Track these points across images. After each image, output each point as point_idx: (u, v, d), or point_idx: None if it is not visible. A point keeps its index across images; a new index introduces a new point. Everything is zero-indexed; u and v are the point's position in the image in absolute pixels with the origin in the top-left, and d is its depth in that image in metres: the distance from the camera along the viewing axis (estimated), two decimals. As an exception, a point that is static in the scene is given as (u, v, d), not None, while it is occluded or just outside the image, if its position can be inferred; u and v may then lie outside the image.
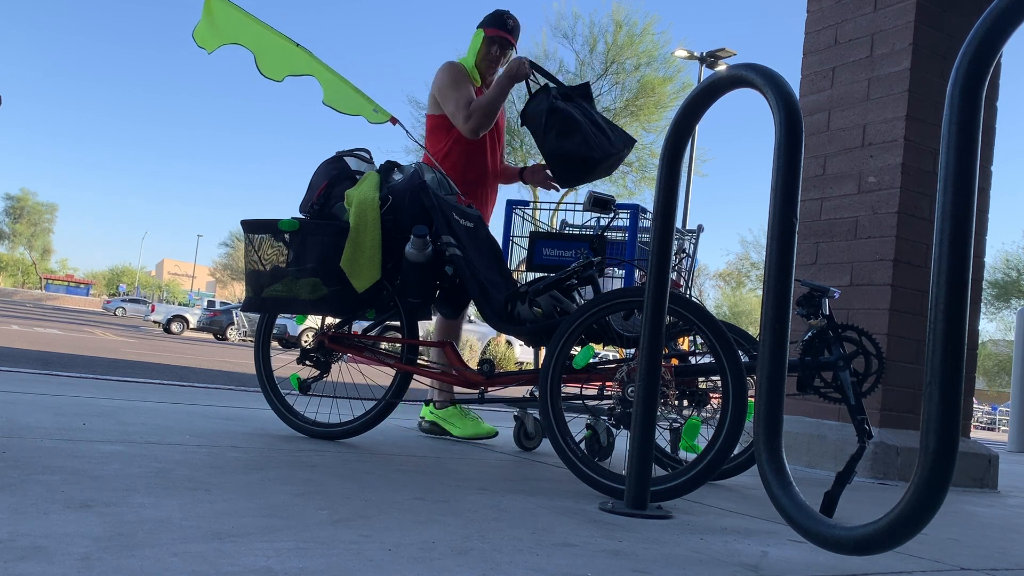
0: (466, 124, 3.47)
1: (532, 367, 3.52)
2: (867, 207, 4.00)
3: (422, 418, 3.61)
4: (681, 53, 22.08)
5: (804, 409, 4.08)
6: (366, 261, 2.79)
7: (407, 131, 3.45)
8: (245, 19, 3.12)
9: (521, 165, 3.84)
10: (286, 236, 2.86)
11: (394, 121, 3.34)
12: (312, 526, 1.51)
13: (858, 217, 4.04)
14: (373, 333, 3.13)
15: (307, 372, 3.08)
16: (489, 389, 2.86)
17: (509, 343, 18.47)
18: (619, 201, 3.30)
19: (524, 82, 3.50)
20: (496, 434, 3.49)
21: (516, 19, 3.66)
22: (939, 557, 1.88)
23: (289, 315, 3.14)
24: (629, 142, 3.38)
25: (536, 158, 25.73)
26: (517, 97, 21.95)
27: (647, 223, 3.58)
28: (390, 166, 2.98)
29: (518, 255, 3.65)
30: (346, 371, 3.51)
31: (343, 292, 2.82)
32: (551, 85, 3.40)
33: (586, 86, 3.52)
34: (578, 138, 3.26)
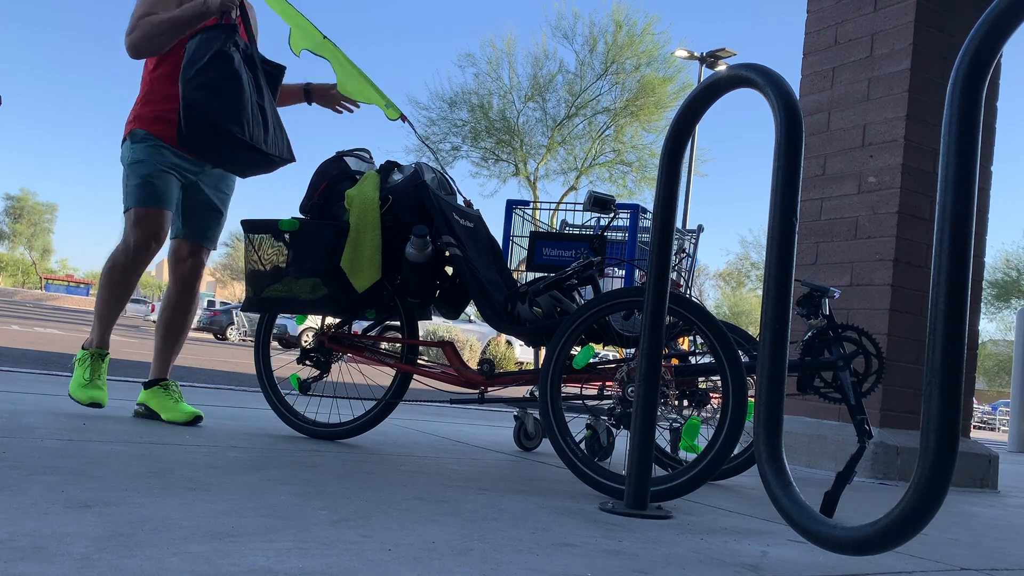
0: (128, 37, 2.93)
1: (532, 367, 3.52)
2: (867, 207, 4.00)
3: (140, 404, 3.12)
4: (681, 53, 22.09)
5: (804, 409, 4.08)
6: (366, 261, 2.79)
7: (414, 129, 3.45)
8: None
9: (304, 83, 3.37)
10: (286, 236, 2.86)
11: (403, 118, 3.35)
12: (312, 526, 1.51)
13: (858, 217, 4.04)
14: (373, 333, 3.13)
15: (307, 372, 3.08)
16: (489, 389, 2.86)
17: (509, 343, 18.47)
18: (619, 201, 3.30)
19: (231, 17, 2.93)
20: (200, 417, 3.02)
21: None
22: (939, 557, 1.88)
23: (289, 315, 3.13)
24: (288, 155, 3.00)
25: (536, 158, 25.75)
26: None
27: (647, 223, 3.58)
28: (390, 166, 2.98)
29: (518, 255, 3.66)
30: (346, 371, 3.50)
31: (343, 292, 2.82)
32: (236, 38, 2.91)
33: (281, 69, 3.10)
34: (228, 103, 2.80)
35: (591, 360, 2.55)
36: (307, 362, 3.06)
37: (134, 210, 2.99)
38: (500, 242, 3.40)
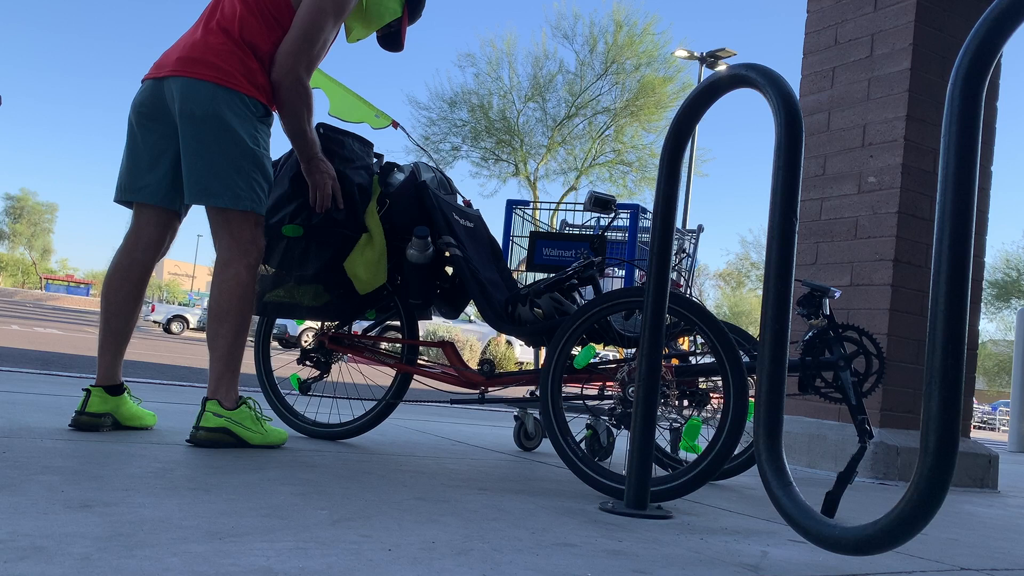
0: (302, 67, 2.50)
1: (532, 367, 3.52)
2: (867, 207, 4.00)
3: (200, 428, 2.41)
4: (681, 53, 22.10)
5: (804, 409, 4.08)
6: (373, 265, 2.77)
7: (408, 134, 3.46)
8: None
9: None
10: (288, 240, 2.85)
11: (395, 125, 3.35)
12: (312, 526, 1.51)
13: (858, 217, 4.04)
14: (373, 333, 3.13)
15: (307, 372, 3.08)
16: (489, 389, 2.86)
17: (509, 343, 18.47)
18: (619, 201, 3.30)
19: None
20: (286, 439, 2.61)
21: None
22: (939, 557, 1.88)
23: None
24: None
25: (536, 158, 25.75)
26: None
27: (647, 223, 3.58)
28: (389, 167, 2.97)
29: (518, 255, 3.66)
30: (346, 371, 3.50)
31: (345, 297, 2.81)
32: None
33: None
34: None
35: (592, 360, 2.55)
36: (307, 362, 3.05)
37: (256, 216, 2.52)
38: (500, 242, 3.40)
